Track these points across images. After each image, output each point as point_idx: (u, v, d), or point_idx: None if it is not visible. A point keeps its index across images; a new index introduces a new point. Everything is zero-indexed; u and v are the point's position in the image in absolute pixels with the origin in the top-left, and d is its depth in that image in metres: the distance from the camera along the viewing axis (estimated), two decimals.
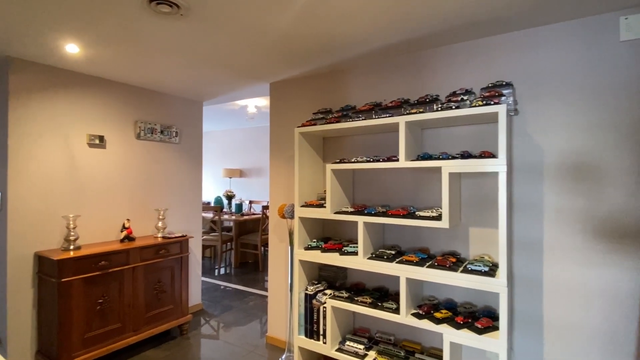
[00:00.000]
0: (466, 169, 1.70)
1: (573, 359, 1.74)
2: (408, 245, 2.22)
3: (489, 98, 1.74)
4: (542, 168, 1.83)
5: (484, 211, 1.96)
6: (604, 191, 1.70)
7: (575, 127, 1.76)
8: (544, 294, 1.82)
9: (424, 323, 1.79)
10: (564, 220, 1.78)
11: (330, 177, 2.17)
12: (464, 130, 2.03)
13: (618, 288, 1.66)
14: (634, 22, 1.63)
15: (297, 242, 2.28)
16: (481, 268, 1.67)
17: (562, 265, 1.78)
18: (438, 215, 1.80)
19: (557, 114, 1.80)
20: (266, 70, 2.58)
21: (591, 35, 1.73)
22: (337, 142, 2.54)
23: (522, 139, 1.89)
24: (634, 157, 1.64)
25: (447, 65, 2.11)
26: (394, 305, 1.94)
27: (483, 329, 1.66)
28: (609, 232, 1.68)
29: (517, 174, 1.90)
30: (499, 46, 1.95)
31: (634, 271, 1.63)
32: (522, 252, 1.88)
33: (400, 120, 1.90)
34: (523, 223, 1.88)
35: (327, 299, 2.14)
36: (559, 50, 1.80)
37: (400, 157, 1.90)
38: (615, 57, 1.68)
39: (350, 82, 2.49)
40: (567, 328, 1.76)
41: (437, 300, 2.05)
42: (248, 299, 3.91)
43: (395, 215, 1.93)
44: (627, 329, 1.64)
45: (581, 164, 1.74)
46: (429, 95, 1.98)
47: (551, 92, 1.82)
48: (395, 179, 2.27)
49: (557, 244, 1.79)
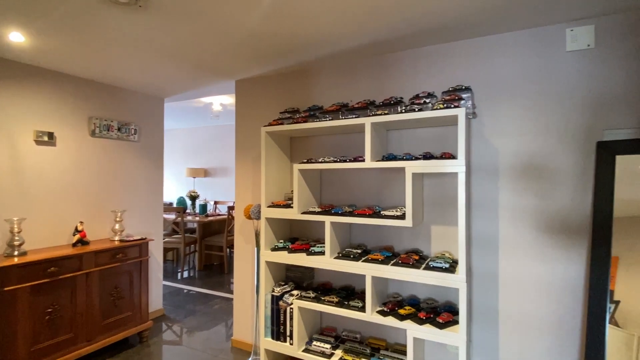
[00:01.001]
0: (428, 170, 1.76)
1: (526, 347, 1.86)
2: (374, 243, 2.26)
3: (450, 101, 1.81)
4: (497, 169, 1.94)
5: (445, 210, 2.04)
6: (552, 190, 1.82)
7: (527, 131, 1.87)
8: (499, 288, 1.92)
9: (389, 320, 1.83)
10: (518, 218, 1.89)
11: (298, 177, 2.16)
12: (426, 132, 2.10)
13: (565, 279, 1.79)
14: (579, 34, 1.77)
15: (264, 243, 2.25)
16: (442, 265, 1.74)
17: (515, 260, 1.89)
18: (402, 214, 1.85)
19: (511, 119, 1.91)
20: (232, 67, 2.52)
21: (541, 45, 1.85)
22: (305, 142, 2.53)
23: (480, 141, 1.98)
24: (576, 159, 1.77)
25: (411, 68, 2.17)
26: (360, 304, 1.96)
27: (444, 323, 1.73)
28: (558, 228, 1.81)
29: (475, 174, 2.00)
30: (460, 52, 2.04)
31: (578, 263, 1.77)
32: (480, 249, 1.97)
33: (366, 122, 1.93)
34: (481, 221, 1.97)
35: (294, 300, 2.13)
36: (513, 58, 1.91)
37: (366, 157, 1.93)
38: (561, 66, 1.81)
39: (318, 82, 2.50)
40: (520, 318, 1.88)
41: (401, 297, 2.10)
42: (213, 303, 3.80)
43: (362, 214, 1.95)
44: (574, 317, 1.77)
45: (532, 166, 1.86)
46: (394, 98, 2.03)
47: (506, 97, 1.93)
48: (362, 179, 2.30)
49: (511, 240, 1.90)
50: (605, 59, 1.72)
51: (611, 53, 1.71)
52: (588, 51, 1.75)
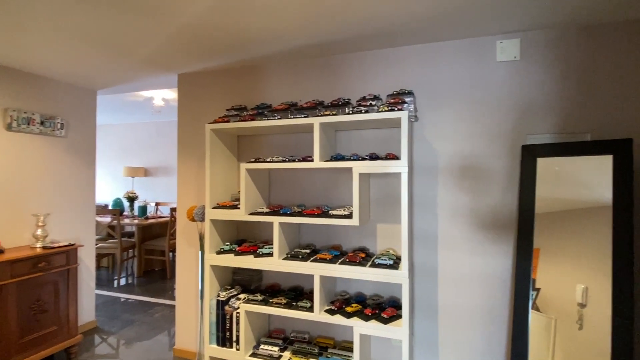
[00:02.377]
0: (374, 170, 1.81)
1: (461, 335, 2.00)
2: (323, 243, 2.28)
3: (394, 104, 1.88)
4: (437, 169, 2.05)
5: (390, 208, 2.12)
6: (484, 189, 1.97)
7: (463, 135, 2.01)
8: (438, 282, 2.04)
9: (336, 318, 1.85)
10: (455, 215, 2.02)
11: (245, 177, 2.09)
12: (373, 133, 2.16)
13: (496, 271, 1.95)
14: (507, 46, 1.93)
15: (209, 246, 2.15)
16: (386, 262, 1.80)
17: (453, 255, 2.02)
18: (349, 213, 1.88)
19: (449, 123, 2.04)
20: (174, 60, 2.38)
21: (476, 55, 1.99)
22: (253, 141, 2.47)
23: (421, 143, 2.09)
24: (505, 161, 1.94)
25: (359, 70, 2.22)
26: (309, 304, 1.96)
27: (388, 318, 1.79)
28: (489, 224, 1.96)
29: (417, 174, 2.09)
30: (404, 57, 2.12)
31: (507, 256, 1.93)
32: (422, 245, 2.08)
33: (315, 122, 1.94)
34: (422, 218, 2.08)
35: (241, 304, 2.06)
36: (452, 66, 2.04)
37: (315, 157, 1.93)
38: (492, 75, 1.96)
39: (267, 79, 2.45)
40: (456, 309, 2.01)
41: (348, 294, 2.14)
42: (153, 311, 3.56)
43: (310, 214, 1.95)
44: (503, 305, 1.94)
45: (467, 167, 2.00)
46: (342, 99, 2.05)
47: (445, 102, 2.05)
48: (311, 178, 2.30)
49: (449, 236, 2.03)
50: (529, 70, 1.90)
51: (534, 65, 1.90)
52: (515, 62, 1.92)
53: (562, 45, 1.86)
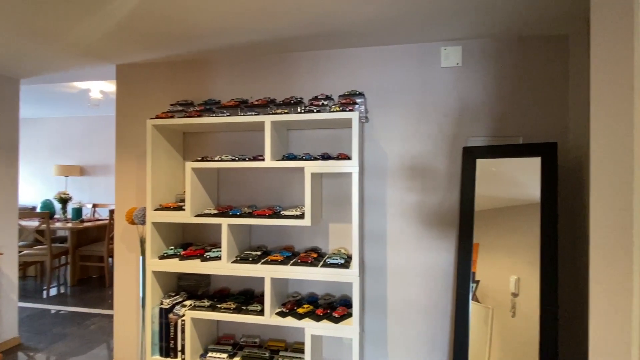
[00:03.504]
0: (326, 170, 1.80)
1: (408, 328, 2.07)
2: (275, 244, 2.23)
3: (345, 105, 1.89)
4: (386, 169, 2.11)
5: (342, 208, 2.13)
6: (430, 189, 2.06)
7: (410, 136, 2.08)
8: (387, 278, 2.10)
9: (288, 320, 1.82)
10: (403, 214, 2.09)
11: (191, 177, 1.98)
12: (325, 133, 2.16)
13: (440, 266, 2.05)
14: (450, 53, 2.03)
15: (150, 251, 2.01)
16: (338, 261, 1.81)
17: (400, 252, 2.08)
18: (301, 213, 1.86)
19: (398, 124, 2.10)
20: (110, 49, 2.18)
21: (423, 59, 2.07)
22: (200, 139, 2.35)
23: (372, 143, 2.13)
24: (448, 162, 2.04)
25: (311, 70, 2.20)
26: (259, 307, 1.91)
27: (340, 317, 1.79)
28: (434, 221, 2.06)
29: (367, 174, 2.13)
30: (355, 58, 2.15)
31: (450, 251, 2.04)
32: (372, 243, 2.12)
33: (266, 120, 1.89)
34: (372, 217, 2.12)
35: (186, 311, 1.95)
36: (401, 69, 2.10)
37: (266, 156, 1.88)
38: (438, 80, 2.06)
39: (215, 75, 2.34)
40: (404, 304, 2.08)
41: (300, 295, 2.11)
42: (89, 322, 3.26)
43: (261, 215, 1.90)
44: (446, 298, 2.04)
45: (414, 167, 2.08)
46: (294, 97, 2.02)
47: (394, 104, 2.10)
48: (262, 178, 2.25)
49: (397, 234, 2.09)
50: (470, 77, 2.02)
51: (474, 72, 2.02)
52: (457, 68, 2.03)
53: (498, 55, 2.00)
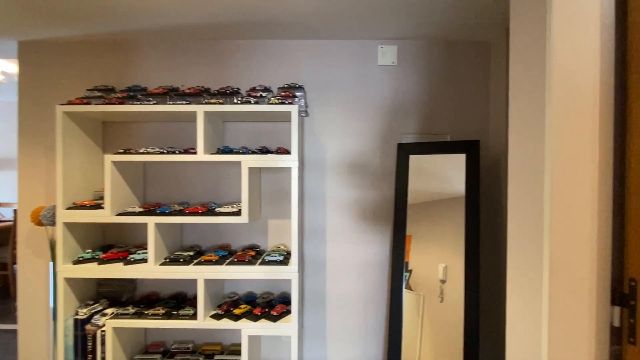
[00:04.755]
0: (264, 164, 1.74)
1: (347, 321, 2.10)
2: (210, 243, 2.11)
3: (285, 98, 1.84)
4: (326, 164, 2.11)
5: (281, 203, 2.09)
6: (367, 183, 2.11)
7: (349, 132, 2.11)
8: (327, 273, 2.11)
9: (224, 323, 1.73)
10: (342, 208, 2.11)
11: (111, 171, 1.77)
12: (264, 126, 2.09)
13: (377, 258, 2.11)
14: (387, 52, 2.09)
15: (62, 255, 1.76)
16: (277, 258, 1.76)
17: (340, 246, 2.11)
18: (238, 210, 1.78)
19: (337, 119, 2.11)
20: (9, 21, 1.86)
21: (361, 56, 2.10)
22: (123, 129, 2.12)
23: (312, 138, 2.11)
24: (384, 157, 2.11)
25: (249, 59, 2.11)
26: (192, 311, 1.79)
27: (278, 315, 1.76)
28: (371, 215, 2.11)
29: (307, 169, 2.11)
30: (296, 51, 2.10)
31: (385, 244, 2.11)
32: (312, 238, 2.11)
33: (199, 110, 1.76)
34: (312, 212, 2.11)
35: (107, 320, 1.75)
36: (340, 64, 2.10)
37: (199, 149, 1.75)
38: (374, 78, 2.10)
39: (141, 59, 2.13)
40: (342, 297, 2.11)
41: (237, 295, 2.03)
42: None
43: (194, 213, 1.77)
44: (382, 288, 2.11)
45: (352, 162, 2.11)
46: (230, 87, 1.92)
47: (333, 99, 2.11)
48: (196, 173, 2.10)
49: (336, 228, 2.11)
50: (404, 76, 2.10)
51: (408, 71, 2.10)
52: (393, 67, 2.10)
53: (429, 56, 2.10)
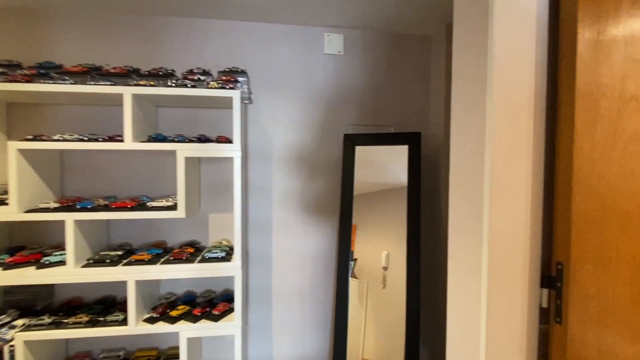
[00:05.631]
0: (203, 154, 1.61)
1: (293, 314, 2.07)
2: (143, 240, 1.92)
3: (226, 82, 1.72)
4: (271, 155, 2.03)
5: (224, 196, 1.97)
6: (314, 175, 2.08)
7: (296, 121, 2.05)
8: (273, 267, 2.05)
9: (159, 327, 1.59)
10: (288, 200, 2.05)
11: (17, 161, 1.51)
12: (203, 113, 1.94)
13: (324, 249, 2.10)
14: (333, 40, 2.05)
15: None
16: (218, 254, 1.66)
17: (286, 239, 2.06)
18: (173, 204, 1.63)
19: (283, 108, 2.03)
20: None
21: (307, 43, 2.04)
22: (35, 112, 1.82)
23: (256, 127, 2.01)
24: (331, 148, 2.09)
25: (186, 39, 1.93)
26: (121, 316, 1.61)
27: (220, 314, 1.66)
28: (318, 207, 2.09)
29: (252, 159, 2.01)
30: (238, 33, 1.97)
31: (332, 236, 2.11)
32: (257, 232, 2.03)
33: (126, 92, 1.56)
34: (257, 205, 2.02)
35: (17, 333, 1.51)
36: (286, 50, 2.02)
37: (126, 137, 1.57)
38: (321, 66, 2.06)
39: (56, 32, 1.83)
40: (289, 291, 2.07)
41: (175, 296, 1.89)
42: None
43: (121, 208, 1.59)
44: (329, 278, 2.11)
45: (300, 153, 2.06)
46: (163, 69, 1.74)
47: (279, 87, 2.02)
48: (125, 164, 1.89)
49: (282, 221, 2.05)
50: (350, 66, 2.08)
51: (354, 61, 2.09)
52: (339, 56, 2.07)
53: (375, 47, 2.11)
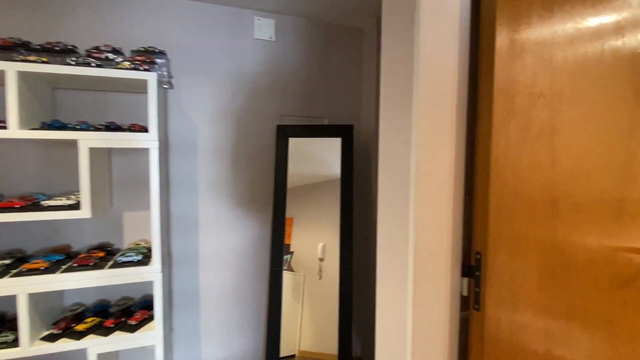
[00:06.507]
0: (113, 144, 1.40)
1: (224, 316, 1.96)
2: (40, 245, 1.64)
3: (140, 63, 1.52)
4: (197, 145, 1.87)
5: (140, 192, 1.76)
6: (246, 167, 1.97)
7: (226, 110, 1.91)
8: (200, 267, 1.90)
9: (61, 344, 1.37)
10: (217, 195, 1.92)
11: None
12: (114, 97, 1.70)
13: (256, 243, 2.01)
14: (264, 25, 1.94)
15: None
16: (133, 258, 1.48)
17: (215, 236, 1.92)
18: (76, 202, 1.40)
19: (209, 95, 1.87)
20: None
21: (236, 26, 1.90)
22: None
23: (178, 114, 1.83)
24: (264, 139, 2.00)
25: (91, 11, 1.66)
26: (12, 336, 1.36)
27: (138, 324, 1.49)
28: (250, 201, 1.99)
29: (174, 150, 1.83)
30: (157, 8, 1.75)
31: (266, 230, 2.02)
32: (181, 230, 1.86)
33: (9, 68, 1.29)
34: (181, 200, 1.85)
35: None
36: (213, 32, 1.86)
37: (11, 123, 1.30)
38: (251, 52, 1.94)
39: None
40: (219, 292, 1.95)
41: (84, 307, 1.64)
42: None
43: (7, 208, 1.32)
44: (262, 277, 2.03)
45: (230, 144, 1.93)
46: (62, 43, 1.47)
47: (205, 72, 1.86)
48: (12, 156, 1.58)
49: (210, 217, 1.91)
50: (283, 54, 2.00)
51: (287, 49, 2.01)
52: (270, 43, 1.97)
53: (308, 36, 2.05)
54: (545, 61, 0.81)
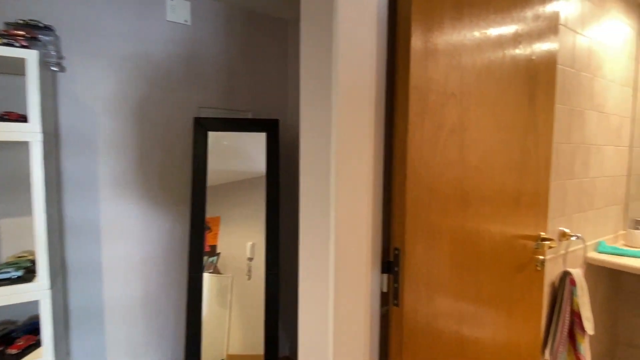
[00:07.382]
0: None
1: (133, 328, 1.75)
2: None
3: (16, 38, 1.25)
4: (96, 139, 1.62)
5: (23, 194, 1.47)
6: (157, 163, 1.77)
7: (132, 98, 1.69)
8: (103, 277, 1.66)
9: None
10: (123, 196, 1.69)
11: None
12: None
13: (172, 245, 1.84)
14: (178, 6, 1.76)
15: None
16: (12, 274, 1.22)
17: (121, 242, 1.70)
18: None
19: (112, 81, 1.64)
20: None
21: (146, 4, 1.69)
22: None
23: (72, 102, 1.56)
24: (179, 131, 1.82)
25: None
26: None
27: (20, 352, 1.24)
28: (165, 202, 1.80)
29: (66, 144, 1.56)
30: None
31: (183, 228, 1.86)
32: (78, 237, 1.60)
33: None
34: (77, 202, 1.59)
35: None
36: (117, 9, 1.62)
37: None
38: (162, 35, 1.74)
39: None
40: (129, 305, 1.73)
41: None
42: None
43: None
44: (181, 281, 1.86)
45: (137, 136, 1.71)
46: None
47: (104, 53, 1.62)
48: None
49: (115, 219, 1.68)
50: (200, 40, 1.84)
51: (205, 35, 1.85)
52: (186, 27, 1.80)
53: (229, 23, 1.92)
54: (455, 61, 0.85)
